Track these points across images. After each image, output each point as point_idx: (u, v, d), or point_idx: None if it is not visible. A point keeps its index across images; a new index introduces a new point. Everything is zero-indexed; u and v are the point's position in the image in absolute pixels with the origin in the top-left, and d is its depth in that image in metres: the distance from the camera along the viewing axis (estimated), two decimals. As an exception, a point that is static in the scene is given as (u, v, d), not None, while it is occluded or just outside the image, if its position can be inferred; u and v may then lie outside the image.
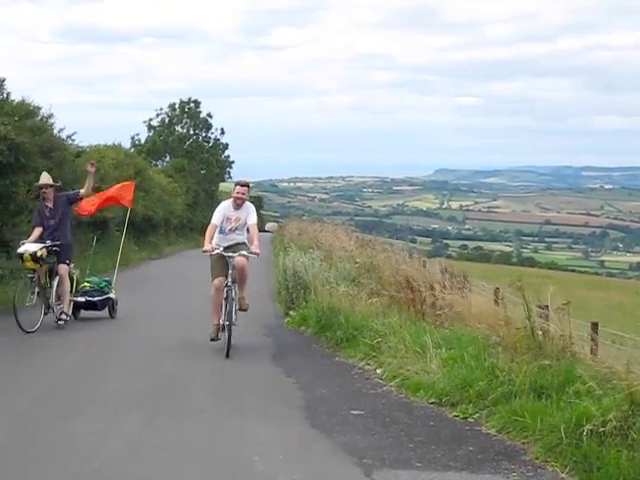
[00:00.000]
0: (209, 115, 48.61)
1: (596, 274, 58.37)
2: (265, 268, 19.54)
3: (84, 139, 26.74)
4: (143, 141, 46.63)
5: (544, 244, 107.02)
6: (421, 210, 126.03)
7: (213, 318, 9.47)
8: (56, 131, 18.19)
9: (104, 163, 24.02)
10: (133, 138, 46.38)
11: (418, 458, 5.58)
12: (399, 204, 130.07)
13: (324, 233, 21.91)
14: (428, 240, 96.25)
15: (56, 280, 10.96)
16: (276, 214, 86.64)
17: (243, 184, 9.78)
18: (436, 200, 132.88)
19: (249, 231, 9.65)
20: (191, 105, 48.21)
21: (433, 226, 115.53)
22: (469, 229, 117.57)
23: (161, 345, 9.82)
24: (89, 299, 11.83)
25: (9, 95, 16.31)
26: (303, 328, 11.16)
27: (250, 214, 9.65)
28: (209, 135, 49.10)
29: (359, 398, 7.30)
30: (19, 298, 10.41)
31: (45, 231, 10.97)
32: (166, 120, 47.60)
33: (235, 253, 9.34)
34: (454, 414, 6.69)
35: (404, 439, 6.03)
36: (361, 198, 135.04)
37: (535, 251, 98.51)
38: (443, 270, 10.45)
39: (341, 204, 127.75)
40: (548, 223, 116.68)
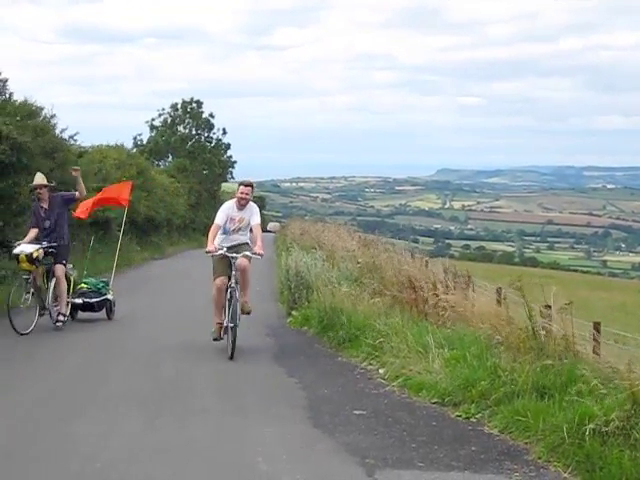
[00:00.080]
0: (211, 115, 48.57)
1: (598, 274, 58.29)
2: (267, 268, 19.53)
3: (86, 139, 26.90)
4: (145, 141, 46.62)
5: (546, 244, 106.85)
6: (423, 210, 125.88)
7: (215, 317, 9.45)
8: (58, 131, 18.23)
9: (106, 163, 24.06)
10: (135, 138, 46.46)
11: (421, 458, 5.58)
12: (401, 204, 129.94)
13: (326, 233, 21.91)
14: (430, 240, 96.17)
15: (53, 281, 10.87)
16: (278, 214, 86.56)
17: (247, 184, 9.70)
18: (438, 200, 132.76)
19: (252, 231, 9.60)
20: (193, 105, 48.15)
21: (435, 226, 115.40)
22: (471, 229, 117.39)
23: (163, 345, 9.82)
24: (86, 300, 11.75)
25: (12, 95, 16.36)
26: (305, 328, 11.16)
27: (254, 214, 9.58)
28: (211, 135, 49.08)
29: (362, 398, 7.30)
30: (13, 299, 10.32)
31: (41, 232, 10.87)
32: (168, 120, 47.56)
33: (238, 254, 9.27)
34: (456, 414, 6.69)
35: (406, 439, 6.04)
36: (363, 198, 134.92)
37: (537, 251, 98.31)
38: (446, 270, 10.44)
39: (343, 204, 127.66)
40: (550, 223, 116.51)
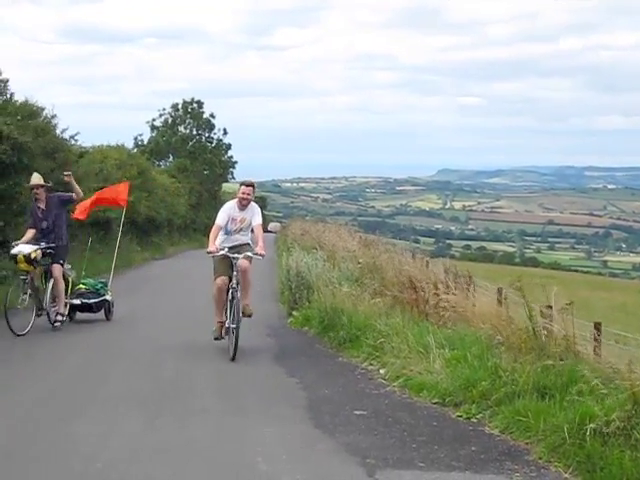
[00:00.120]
0: (212, 115, 48.59)
1: (599, 274, 58.33)
2: (268, 268, 19.52)
3: (87, 140, 26.89)
4: (146, 141, 46.64)
5: (547, 244, 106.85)
6: (424, 210, 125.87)
7: (216, 316, 9.44)
8: (59, 131, 18.27)
9: (107, 164, 24.06)
10: (136, 138, 46.48)
11: (421, 458, 5.58)
12: (402, 204, 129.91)
13: (327, 233, 21.91)
14: (431, 240, 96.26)
15: (51, 282, 10.82)
16: (279, 214, 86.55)
17: (248, 184, 9.63)
18: (439, 200, 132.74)
19: (254, 232, 9.57)
20: (194, 105, 48.17)
21: (436, 226, 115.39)
22: (472, 229, 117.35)
23: (163, 346, 9.81)
24: (85, 301, 11.70)
25: (12, 95, 16.38)
26: (306, 328, 11.15)
27: (255, 215, 9.53)
28: (212, 135, 49.10)
29: (362, 398, 7.30)
30: (10, 300, 10.30)
31: (39, 232, 10.82)
32: (169, 120, 47.58)
33: (240, 254, 9.22)
34: (457, 414, 6.69)
35: (407, 439, 6.03)
36: (364, 198, 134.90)
37: (538, 251, 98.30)
38: (447, 270, 10.44)
39: (344, 204, 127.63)
40: (551, 223, 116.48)
